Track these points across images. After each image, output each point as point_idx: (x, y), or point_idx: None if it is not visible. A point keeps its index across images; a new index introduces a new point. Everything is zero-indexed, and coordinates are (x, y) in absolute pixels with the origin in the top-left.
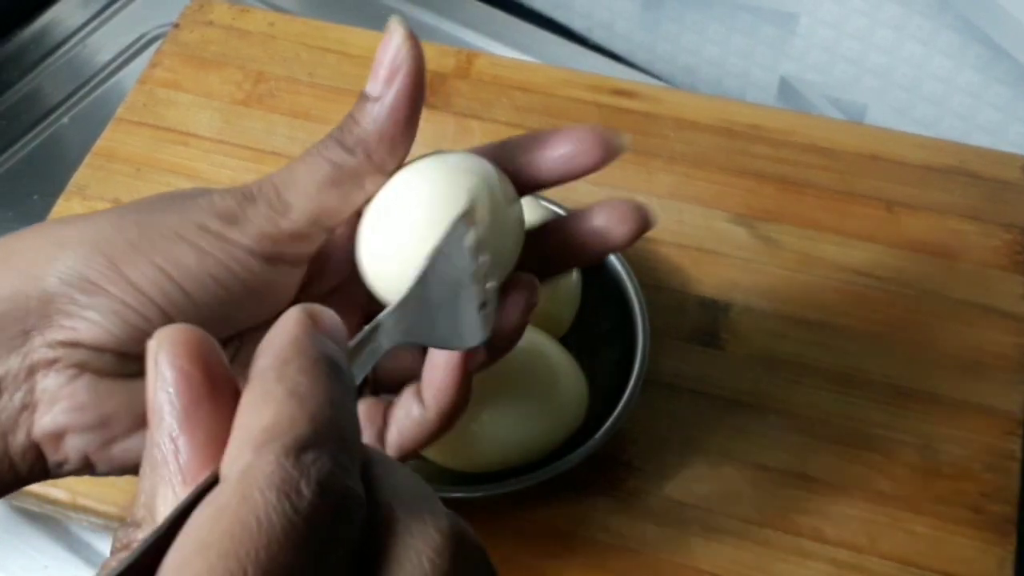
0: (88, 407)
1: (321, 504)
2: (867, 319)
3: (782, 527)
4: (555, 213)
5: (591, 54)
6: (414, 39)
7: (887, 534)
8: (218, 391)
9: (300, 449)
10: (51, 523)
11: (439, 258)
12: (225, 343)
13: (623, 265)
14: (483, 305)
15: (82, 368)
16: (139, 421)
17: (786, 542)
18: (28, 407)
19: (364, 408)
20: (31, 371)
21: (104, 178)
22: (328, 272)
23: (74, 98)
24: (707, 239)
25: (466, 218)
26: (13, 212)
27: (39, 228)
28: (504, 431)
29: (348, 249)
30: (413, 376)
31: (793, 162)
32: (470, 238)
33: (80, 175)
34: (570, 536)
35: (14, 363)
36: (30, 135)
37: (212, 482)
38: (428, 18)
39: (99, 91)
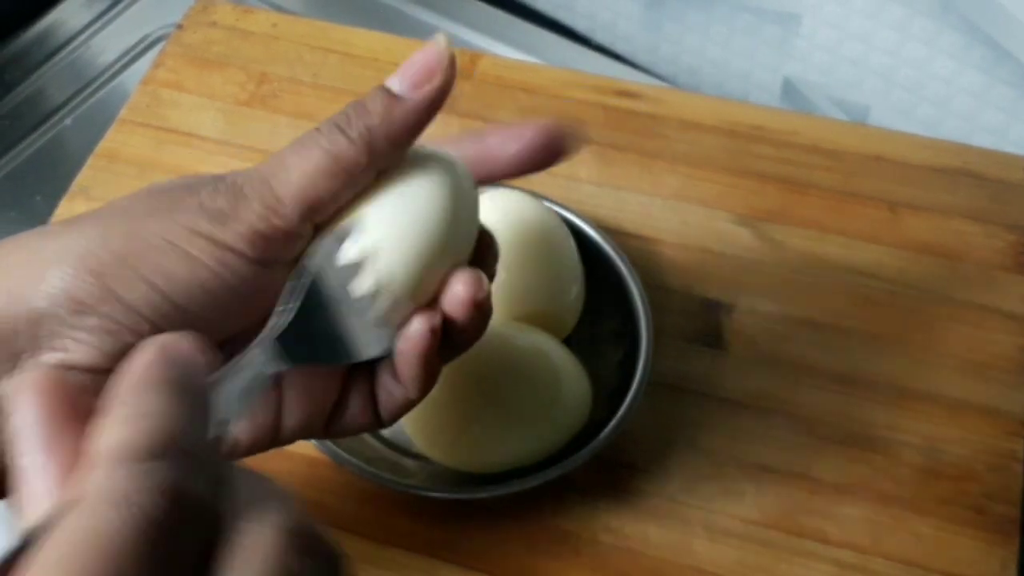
0: None
1: (159, 510)
2: (870, 320)
3: (785, 528)
4: (556, 213)
5: (594, 55)
6: (454, 59)
7: (890, 535)
8: (79, 419)
9: (140, 461)
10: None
11: (308, 279)
12: (220, 345)
13: (626, 266)
14: (377, 319)
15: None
16: None
17: (789, 543)
18: None
19: (358, 381)
20: None
21: (107, 179)
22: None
23: (77, 99)
24: (710, 240)
25: (338, 235)
26: (16, 213)
27: (24, 241)
28: (508, 432)
29: None
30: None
31: (796, 163)
32: (345, 255)
33: (83, 176)
34: (573, 537)
35: (5, 388)
36: (33, 136)
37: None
38: (432, 19)
39: (102, 92)
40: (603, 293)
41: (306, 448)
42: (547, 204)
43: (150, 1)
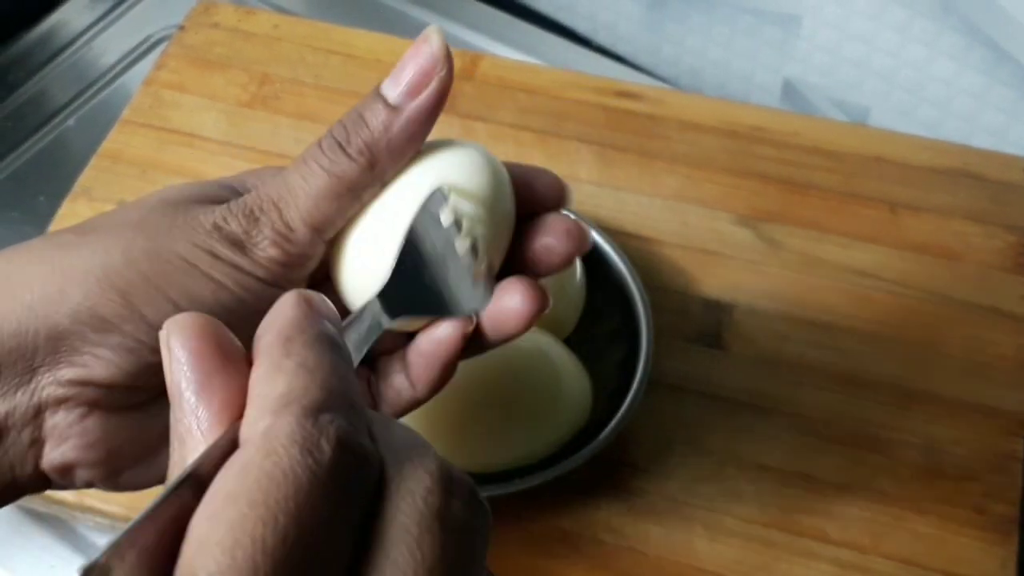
0: (98, 444)
1: (341, 459)
2: (870, 320)
3: (786, 527)
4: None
5: (595, 56)
6: (450, 54)
7: (890, 534)
8: (230, 363)
9: (317, 411)
10: (57, 523)
11: (417, 233)
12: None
13: (627, 266)
14: (477, 274)
15: (92, 406)
16: (147, 450)
17: (790, 542)
18: (36, 443)
19: None
20: (39, 409)
21: (110, 179)
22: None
23: (80, 100)
24: (711, 240)
25: (441, 192)
26: (19, 213)
27: (41, 251)
28: (509, 432)
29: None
30: (389, 351)
31: (797, 164)
32: (447, 211)
33: (86, 176)
34: (574, 536)
35: (22, 400)
36: (36, 136)
37: (228, 446)
38: (432, 20)
39: (105, 93)
40: (604, 293)
41: None
42: None
43: (152, 2)
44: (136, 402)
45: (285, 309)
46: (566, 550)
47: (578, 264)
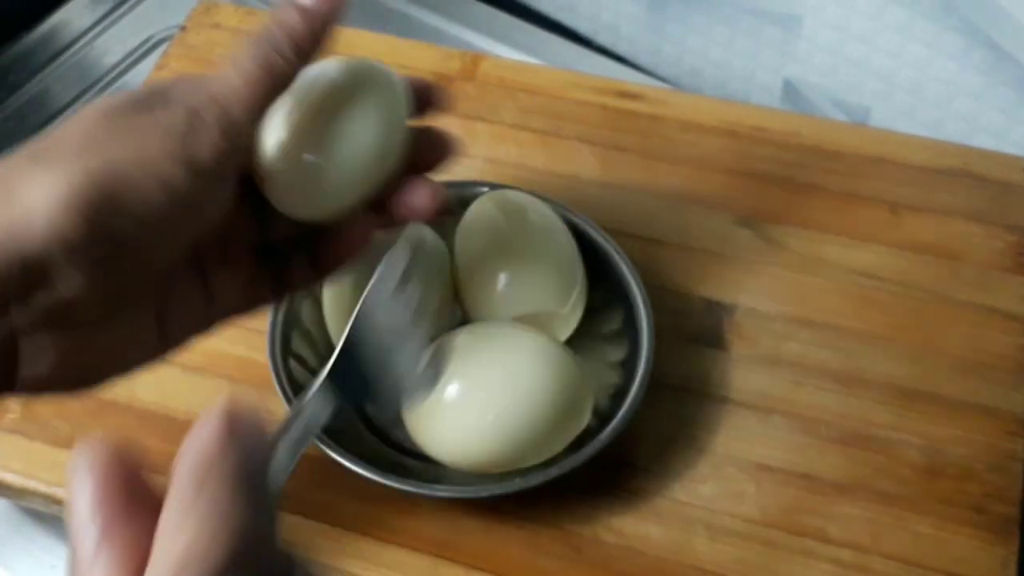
0: (68, 362)
1: None
2: (871, 320)
3: (786, 527)
4: (557, 213)
5: (596, 56)
6: None
7: (890, 534)
8: (136, 504)
9: None
10: (58, 523)
11: (363, 322)
12: (193, 276)
13: (628, 266)
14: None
15: (65, 325)
16: (115, 353)
17: (790, 542)
18: (8, 362)
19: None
20: (11, 335)
21: None
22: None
23: (82, 99)
24: (712, 241)
25: (394, 270)
26: None
27: (8, 177)
28: (509, 433)
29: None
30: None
31: (798, 164)
32: (405, 298)
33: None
34: (575, 536)
35: None
36: (38, 136)
37: None
38: (434, 20)
39: (107, 92)
40: (605, 293)
41: (310, 448)
42: (548, 204)
43: (154, 3)
44: (108, 312)
45: (205, 431)
46: (567, 550)
47: (579, 264)
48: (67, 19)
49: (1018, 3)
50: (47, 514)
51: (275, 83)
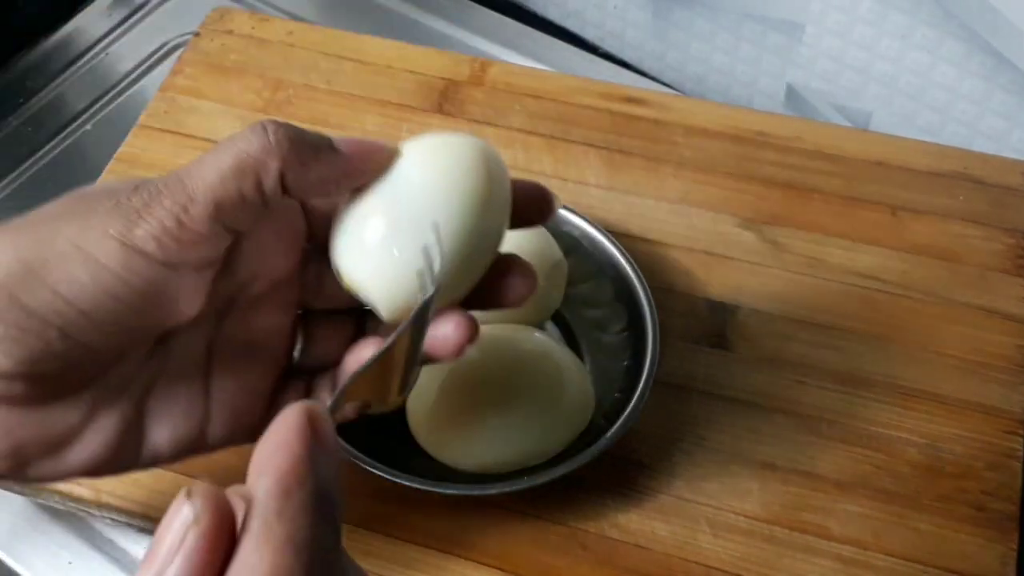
0: (1, 437)
1: None
2: (872, 321)
3: (788, 524)
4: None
5: (602, 62)
6: (392, 157)
7: (891, 531)
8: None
9: None
10: (75, 520)
11: (399, 338)
12: (188, 384)
13: (633, 269)
14: (413, 376)
15: None
16: (52, 446)
17: (792, 539)
18: None
19: (289, 392)
20: None
21: None
22: (267, 271)
23: (97, 105)
24: (716, 243)
25: (426, 309)
26: None
27: None
28: (512, 433)
29: (290, 245)
30: (324, 367)
31: (800, 168)
32: (431, 315)
33: (103, 181)
34: (581, 533)
35: None
36: (54, 141)
37: None
38: (443, 27)
39: (122, 98)
40: (611, 295)
41: None
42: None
43: (168, 10)
44: (38, 395)
45: (290, 440)
46: (573, 546)
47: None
48: (83, 26)
49: (1018, 10)
50: (63, 511)
51: (248, 174)
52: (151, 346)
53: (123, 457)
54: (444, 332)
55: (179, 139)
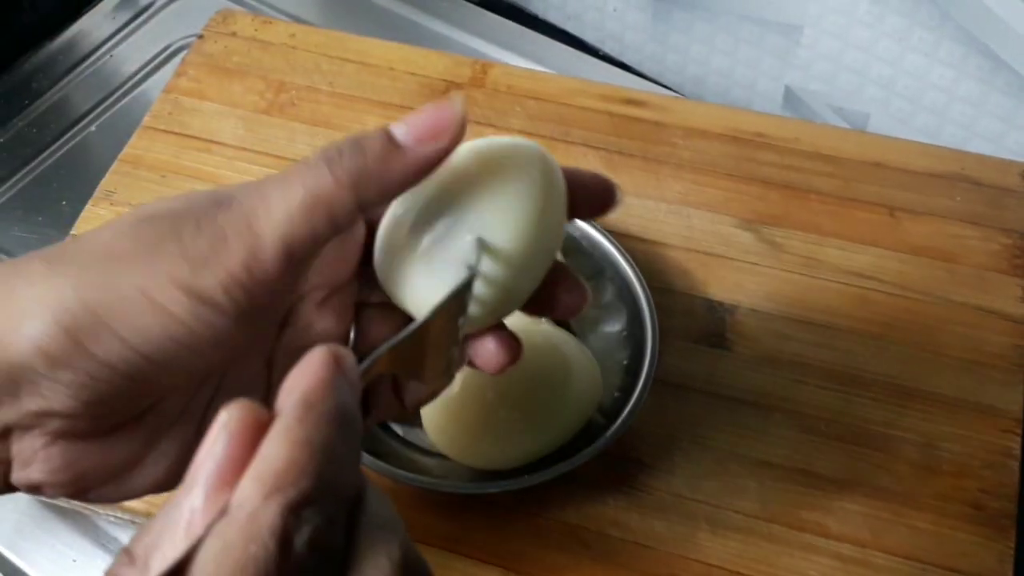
0: (62, 469)
1: (308, 558)
2: (870, 321)
3: (787, 522)
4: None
5: (602, 65)
6: (465, 121)
7: (889, 529)
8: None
9: (301, 504)
10: (79, 518)
11: (438, 312)
12: (201, 384)
13: (633, 269)
14: (458, 351)
15: (56, 435)
16: (112, 474)
17: (791, 537)
18: (3, 463)
19: None
20: (5, 434)
21: (131, 184)
22: (331, 280)
23: (102, 107)
24: (714, 243)
25: (468, 285)
26: (43, 217)
27: (10, 279)
28: (523, 428)
29: (351, 251)
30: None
31: (798, 169)
32: (469, 298)
33: (107, 181)
34: (582, 531)
35: None
36: (59, 142)
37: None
38: (444, 29)
39: (126, 100)
40: (611, 295)
41: None
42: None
43: (172, 12)
44: (100, 429)
45: (314, 367)
46: (574, 544)
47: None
48: (88, 28)
49: (1015, 13)
50: (67, 509)
51: (316, 212)
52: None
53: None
54: (488, 348)
55: (183, 140)
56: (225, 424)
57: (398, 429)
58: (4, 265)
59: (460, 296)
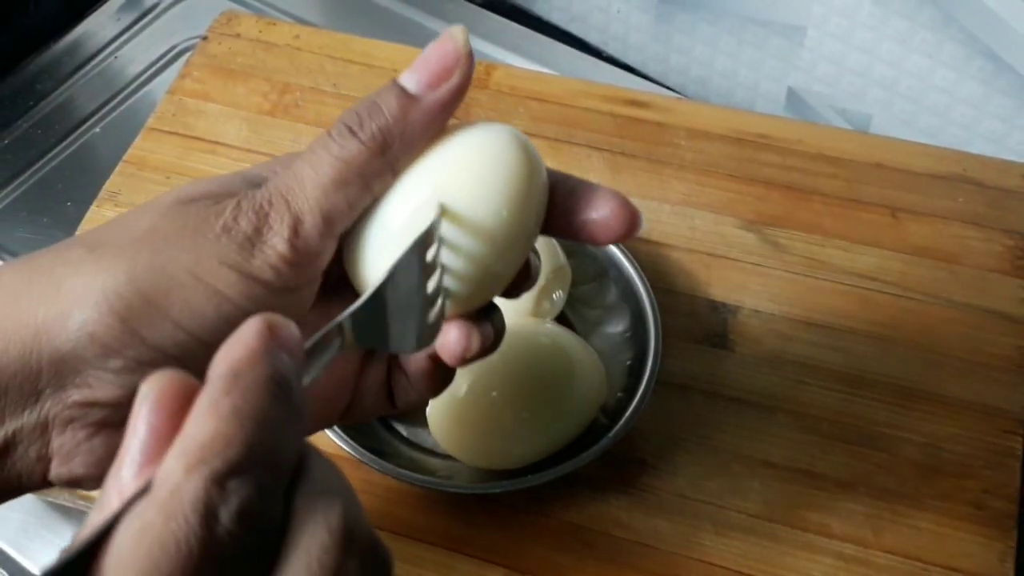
0: (104, 461)
1: (237, 531)
2: (872, 322)
3: (790, 522)
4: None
5: (606, 66)
6: (471, 53)
7: (891, 529)
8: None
9: (227, 475)
10: (84, 517)
11: (398, 271)
12: None
13: (636, 270)
14: (431, 317)
15: (99, 426)
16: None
17: (794, 537)
18: (43, 459)
19: (371, 374)
20: (45, 427)
21: (135, 185)
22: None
23: (106, 108)
24: (717, 244)
25: (428, 236)
26: (48, 218)
27: (48, 269)
28: (527, 428)
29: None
30: None
31: (800, 170)
32: (430, 255)
33: (112, 182)
34: (585, 531)
35: (28, 420)
36: (64, 144)
37: (144, 490)
38: None
39: (130, 101)
40: (614, 296)
41: (326, 445)
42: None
43: (176, 14)
44: None
45: (244, 337)
46: (577, 544)
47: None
48: (92, 30)
49: (1017, 14)
50: (72, 508)
51: (350, 181)
52: None
53: None
54: (448, 337)
55: (187, 141)
56: (146, 396)
57: (402, 429)
58: (43, 254)
59: (419, 253)
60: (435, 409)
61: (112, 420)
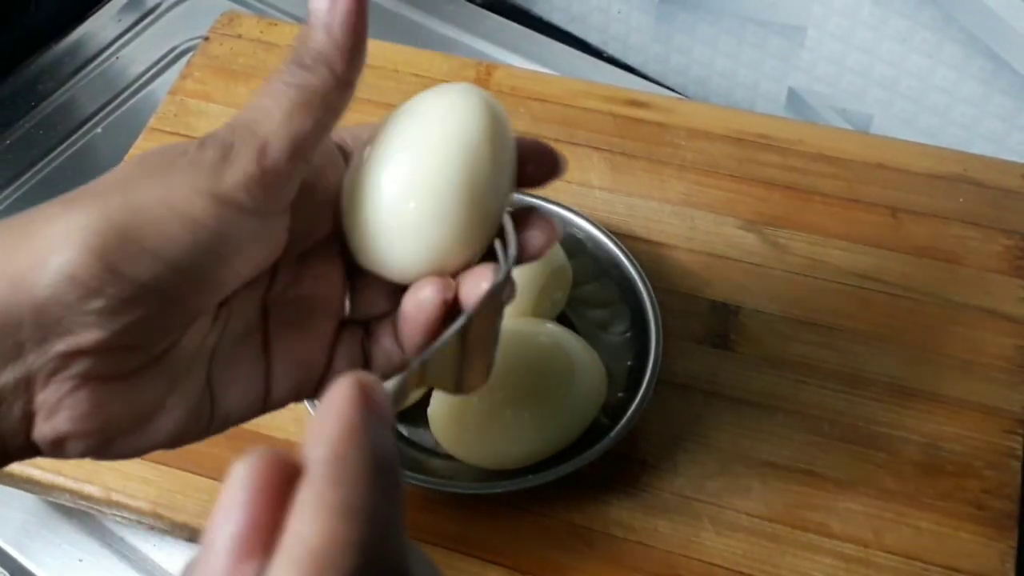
0: (90, 415)
1: None
2: (872, 322)
3: (790, 522)
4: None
5: (606, 66)
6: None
7: (892, 529)
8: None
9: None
10: (85, 518)
11: (478, 312)
12: (253, 338)
13: (637, 270)
14: (491, 360)
15: (84, 378)
16: (139, 418)
17: (794, 537)
18: (27, 416)
19: (346, 340)
20: (28, 383)
21: None
22: (310, 229)
23: (108, 108)
24: (718, 244)
25: (504, 293)
26: None
27: (22, 223)
28: (528, 428)
29: (325, 202)
30: (385, 314)
31: (801, 170)
32: (507, 294)
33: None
34: (586, 530)
35: (8, 376)
36: (65, 144)
37: None
38: (449, 31)
39: (132, 102)
40: (614, 296)
41: None
42: (557, 209)
43: (178, 14)
44: (128, 368)
45: (340, 408)
46: (578, 544)
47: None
48: (94, 30)
49: (1017, 14)
50: (74, 509)
51: (312, 102)
52: (217, 309)
53: (199, 425)
54: (421, 296)
55: (188, 141)
56: (243, 479)
57: (403, 429)
58: (18, 215)
59: (498, 293)
60: (436, 409)
61: (96, 372)
